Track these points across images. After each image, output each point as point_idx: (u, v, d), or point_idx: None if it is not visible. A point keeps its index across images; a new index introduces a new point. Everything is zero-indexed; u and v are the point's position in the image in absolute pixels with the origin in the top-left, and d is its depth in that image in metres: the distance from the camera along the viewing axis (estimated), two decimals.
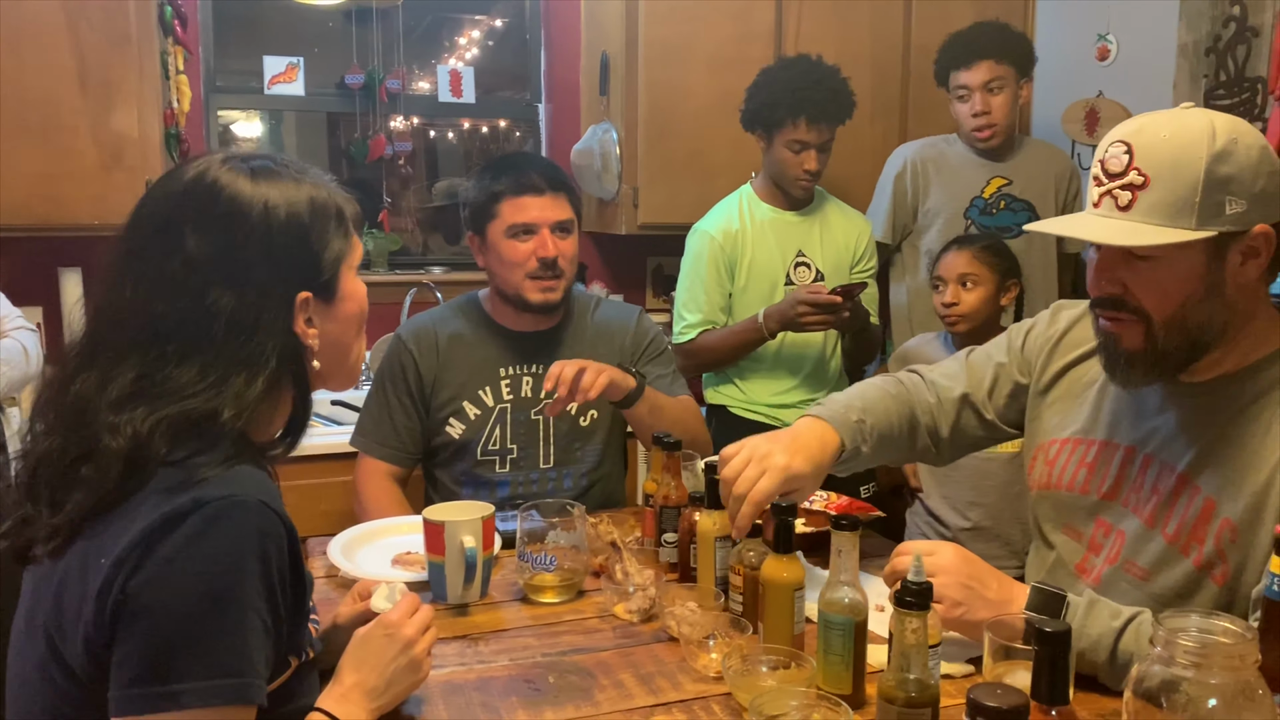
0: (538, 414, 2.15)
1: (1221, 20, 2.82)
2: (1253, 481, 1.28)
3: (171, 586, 0.96)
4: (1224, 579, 1.30)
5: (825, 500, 1.94)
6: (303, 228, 1.11)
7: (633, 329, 2.26)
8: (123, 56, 2.72)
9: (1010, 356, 1.64)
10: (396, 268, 3.50)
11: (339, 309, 1.16)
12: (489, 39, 3.74)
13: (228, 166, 1.10)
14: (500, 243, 2.09)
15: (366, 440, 2.15)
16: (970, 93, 2.82)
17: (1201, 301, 1.28)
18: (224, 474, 1.01)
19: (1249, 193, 1.24)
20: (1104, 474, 1.45)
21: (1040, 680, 0.93)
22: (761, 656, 1.29)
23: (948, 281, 2.46)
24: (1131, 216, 1.26)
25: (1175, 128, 1.27)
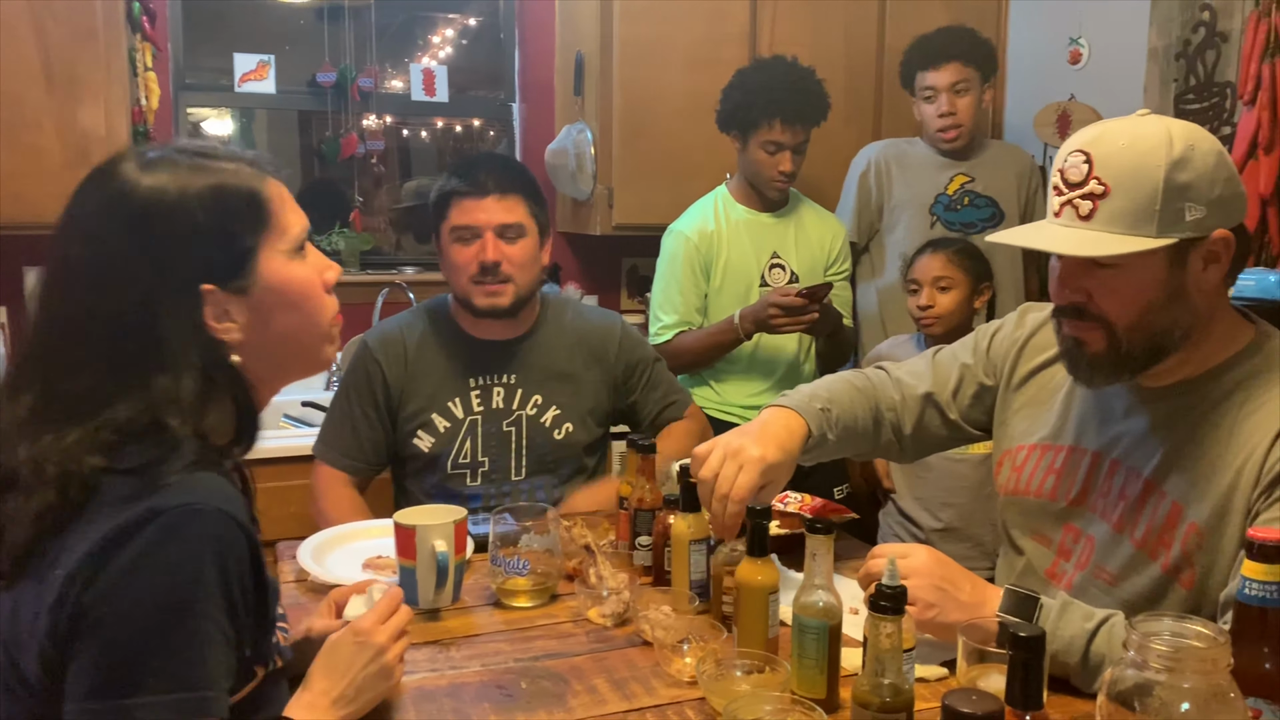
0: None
1: (1191, 25, 2.85)
2: (1218, 485, 1.29)
3: (127, 598, 0.93)
4: (1191, 583, 1.31)
5: (799, 502, 1.94)
6: (193, 217, 1.04)
7: (616, 344, 2.19)
8: (89, 52, 2.68)
9: (976, 358, 1.65)
10: (368, 267, 3.47)
11: (262, 299, 1.08)
12: (463, 37, 3.71)
13: (127, 159, 1.06)
14: (448, 245, 2.04)
15: (328, 450, 2.09)
16: (937, 93, 2.87)
17: (1164, 307, 1.29)
18: (183, 480, 0.98)
19: (1207, 198, 1.26)
20: (1071, 480, 1.46)
21: (1014, 684, 0.93)
22: (735, 661, 1.29)
23: (923, 285, 2.47)
24: (1093, 226, 1.28)
25: (1133, 136, 1.28)
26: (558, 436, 2.11)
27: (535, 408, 2.10)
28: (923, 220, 2.95)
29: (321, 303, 1.16)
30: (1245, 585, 0.98)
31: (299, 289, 1.12)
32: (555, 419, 2.10)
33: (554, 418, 2.10)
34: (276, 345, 1.11)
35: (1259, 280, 2.23)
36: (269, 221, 1.10)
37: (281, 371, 1.15)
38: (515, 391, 2.10)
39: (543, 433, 2.10)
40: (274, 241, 1.10)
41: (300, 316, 1.13)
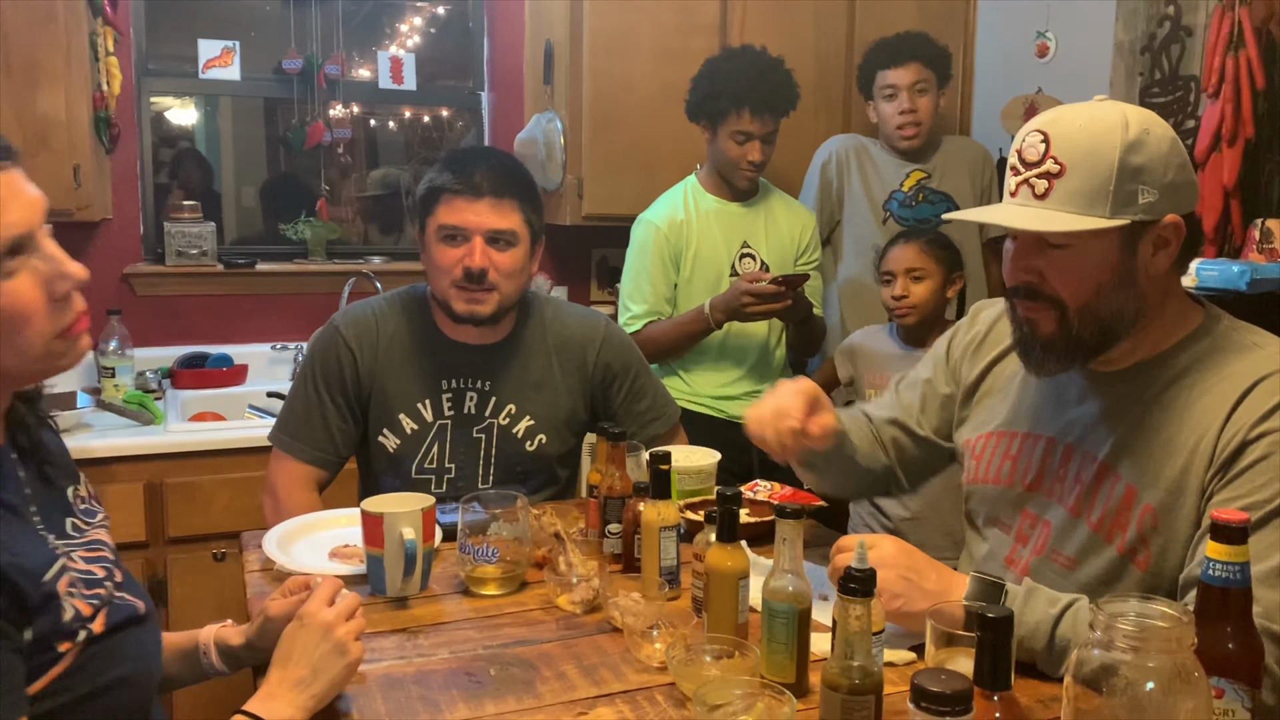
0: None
1: (1157, 20, 2.87)
2: (1171, 466, 1.31)
3: None
4: (1146, 564, 1.33)
5: (769, 491, 1.94)
6: None
7: (596, 349, 2.06)
8: (48, 36, 2.63)
9: (936, 370, 1.68)
10: (335, 257, 3.44)
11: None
12: (430, 26, 3.68)
13: None
14: (432, 243, 1.91)
15: (291, 440, 1.95)
16: (898, 91, 2.92)
17: (1114, 290, 1.31)
18: None
19: (1160, 182, 1.28)
20: (1027, 465, 1.48)
21: (983, 665, 0.94)
22: (705, 646, 1.29)
23: (896, 275, 2.49)
24: (1048, 205, 1.29)
25: (1090, 118, 1.30)
26: (529, 448, 2.01)
27: (508, 417, 2.00)
28: (876, 216, 2.99)
29: (28, 324, 1.01)
30: (1209, 566, 0.99)
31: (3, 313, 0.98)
32: (528, 430, 2.00)
33: (527, 428, 2.00)
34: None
35: (1221, 271, 2.26)
36: None
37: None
38: (489, 399, 1.99)
39: (514, 443, 2.00)
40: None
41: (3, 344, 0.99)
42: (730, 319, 2.57)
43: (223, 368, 3.06)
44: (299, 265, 3.34)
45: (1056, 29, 3.28)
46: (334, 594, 1.26)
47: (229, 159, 3.53)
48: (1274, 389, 1.27)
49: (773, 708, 1.12)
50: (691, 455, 1.98)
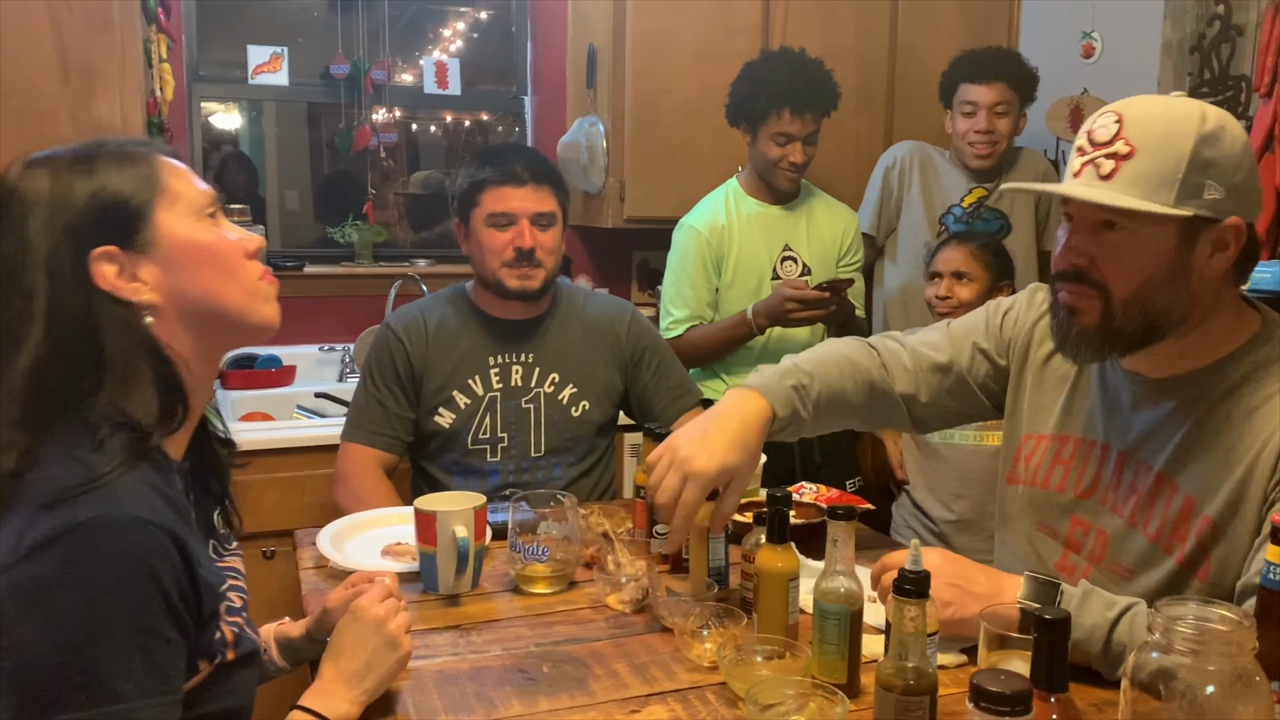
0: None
1: (1206, 19, 2.84)
2: (1231, 477, 1.29)
3: (47, 618, 0.91)
4: (1206, 575, 1.31)
5: (814, 493, 1.95)
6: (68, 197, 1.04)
7: (626, 326, 2.25)
8: (105, 44, 2.68)
9: (989, 337, 1.62)
10: (381, 259, 3.48)
11: (168, 256, 1.08)
12: (474, 31, 3.72)
13: (16, 163, 1.08)
14: (480, 230, 2.10)
15: (355, 430, 2.12)
16: (977, 109, 2.82)
17: (1164, 284, 1.28)
18: (102, 488, 0.95)
19: (1229, 181, 1.25)
20: (1081, 472, 1.46)
21: (1040, 666, 0.94)
22: (756, 646, 1.29)
23: (943, 275, 2.49)
24: (1112, 186, 1.26)
25: (1167, 105, 1.29)
26: (575, 414, 2.16)
27: (553, 385, 2.15)
28: (931, 228, 2.94)
29: (239, 262, 1.14)
30: (1269, 570, 0.98)
31: (208, 246, 1.11)
32: (572, 396, 2.15)
33: (570, 395, 2.15)
34: (195, 306, 1.10)
35: (1275, 273, 2.23)
36: (159, 186, 1.09)
37: (209, 338, 1.13)
38: (533, 370, 2.15)
39: (560, 410, 2.15)
40: (170, 204, 1.09)
41: (215, 273, 1.11)
42: (773, 324, 2.57)
43: (272, 368, 3.11)
44: (346, 268, 3.38)
45: (1102, 29, 3.25)
46: (387, 593, 1.28)
47: (273, 163, 3.59)
48: None
49: (825, 708, 1.12)
50: None
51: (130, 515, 0.95)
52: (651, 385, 2.26)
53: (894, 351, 1.65)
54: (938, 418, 1.67)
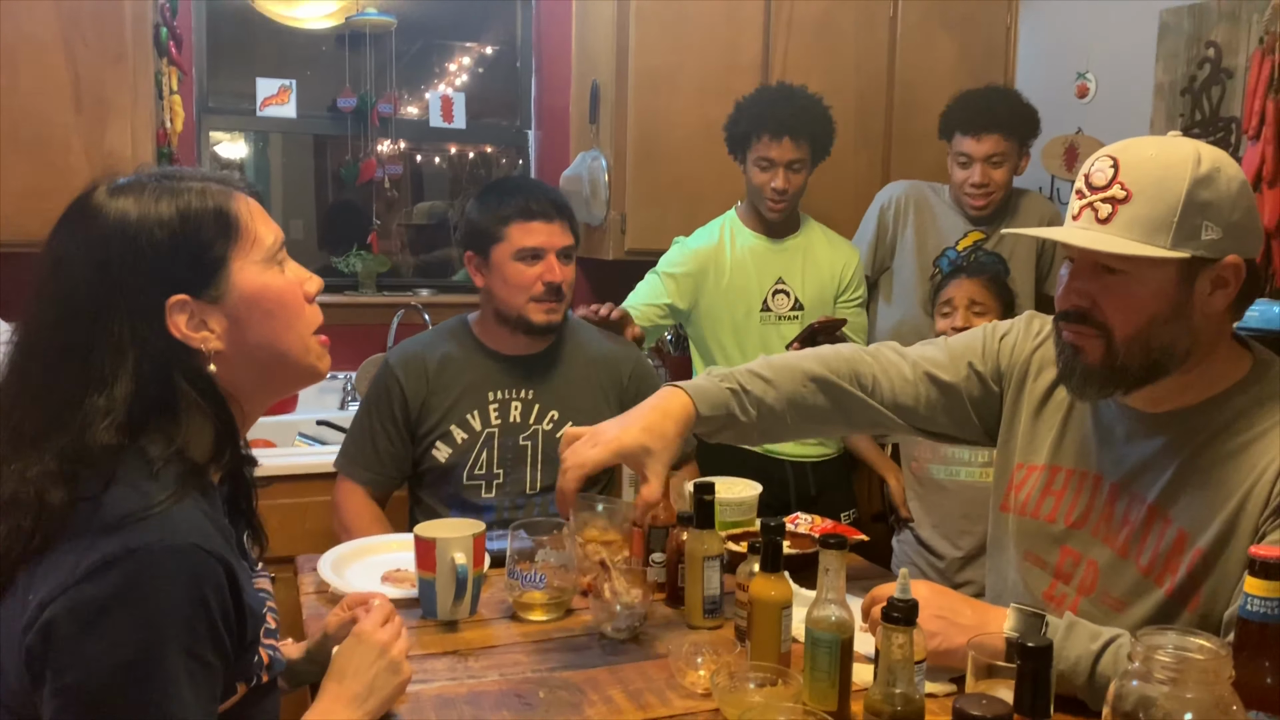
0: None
1: (1197, 62, 2.90)
2: (1222, 512, 1.31)
3: (104, 638, 0.94)
4: (1196, 607, 1.33)
5: (809, 524, 1.98)
6: (152, 235, 1.06)
7: (629, 374, 2.23)
8: (117, 75, 2.74)
9: (985, 360, 1.61)
10: (384, 289, 3.52)
11: (238, 306, 1.10)
12: (479, 66, 3.78)
13: (99, 185, 1.10)
14: (506, 265, 2.08)
15: (349, 464, 2.14)
16: (971, 161, 2.78)
17: (1166, 323, 1.30)
18: (159, 515, 0.98)
19: (1226, 221, 1.27)
20: (1072, 503, 1.48)
21: (1023, 694, 0.96)
22: (749, 673, 1.32)
23: (957, 307, 2.48)
24: (1110, 230, 1.29)
25: (1163, 147, 1.31)
26: None
27: (552, 423, 2.15)
28: (924, 271, 2.93)
29: (301, 310, 1.17)
30: (1247, 601, 1.01)
31: (275, 296, 1.13)
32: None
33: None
34: (257, 353, 1.12)
35: (1263, 311, 2.27)
36: (238, 233, 1.11)
37: (266, 383, 1.16)
38: (533, 406, 2.15)
39: (556, 449, 2.11)
40: (245, 252, 1.11)
41: (278, 323, 1.14)
42: None
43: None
44: (349, 297, 3.42)
45: (1096, 70, 3.31)
46: (388, 616, 1.31)
47: (278, 192, 3.64)
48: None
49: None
50: (733, 487, 2.02)
51: (188, 542, 0.98)
52: None
53: (895, 363, 1.63)
54: (931, 433, 1.66)
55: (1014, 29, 3.63)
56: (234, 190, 1.14)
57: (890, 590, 1.27)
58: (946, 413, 1.62)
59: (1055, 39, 3.49)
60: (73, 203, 1.10)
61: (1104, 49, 3.29)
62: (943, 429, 1.64)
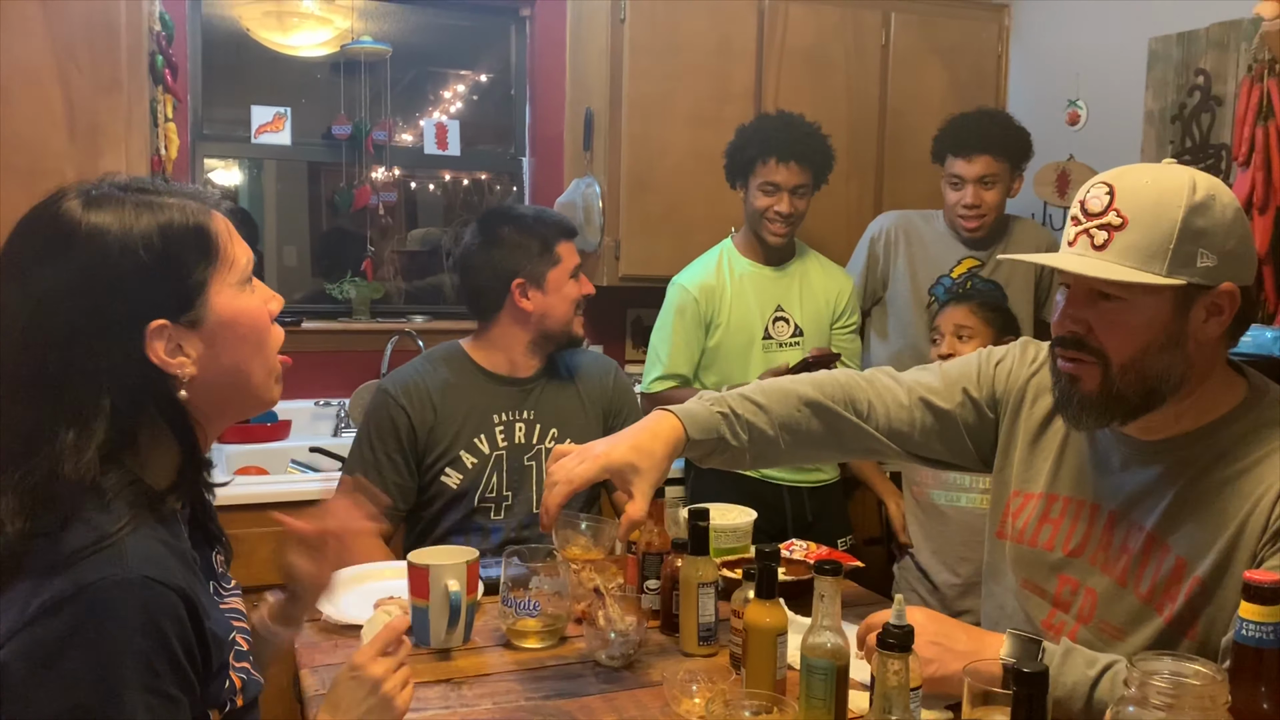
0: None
1: (1187, 89, 2.92)
2: (1220, 539, 1.31)
3: (58, 681, 0.91)
4: (1195, 635, 1.33)
5: (805, 550, 1.97)
6: (135, 256, 1.01)
7: (611, 385, 2.34)
8: (111, 103, 2.74)
9: (980, 387, 1.61)
10: (378, 316, 3.52)
11: (214, 332, 1.07)
12: (473, 93, 3.80)
13: (70, 196, 1.03)
14: (565, 283, 2.21)
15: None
16: (964, 183, 2.79)
17: (1161, 350, 1.31)
18: (110, 549, 0.95)
19: (1221, 249, 1.28)
20: (1070, 531, 1.47)
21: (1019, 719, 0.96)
22: (744, 701, 1.30)
23: (944, 334, 2.49)
24: (1105, 256, 1.29)
25: (1158, 175, 1.31)
26: None
27: (553, 440, 2.19)
28: (919, 300, 2.93)
29: (268, 331, 1.15)
30: (1242, 626, 1.01)
31: (249, 320, 1.11)
32: None
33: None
34: (226, 378, 1.10)
35: (1255, 337, 2.28)
36: (218, 255, 1.08)
37: (227, 407, 1.13)
38: (535, 426, 2.20)
39: None
40: (223, 274, 1.09)
41: (249, 347, 1.12)
42: None
43: (267, 423, 3.13)
44: (343, 324, 3.42)
45: (1087, 97, 3.34)
46: (390, 641, 1.27)
47: (272, 218, 3.64)
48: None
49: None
50: (728, 513, 2.01)
51: (140, 575, 0.95)
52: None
53: (890, 389, 1.62)
54: (926, 459, 1.65)
55: (1005, 57, 3.66)
56: (210, 208, 1.10)
57: (885, 617, 1.26)
58: (942, 439, 1.61)
59: (1046, 67, 3.52)
60: (39, 212, 1.04)
61: (1094, 76, 3.32)
62: (938, 455, 1.64)
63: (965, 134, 2.80)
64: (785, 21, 3.35)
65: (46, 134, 2.69)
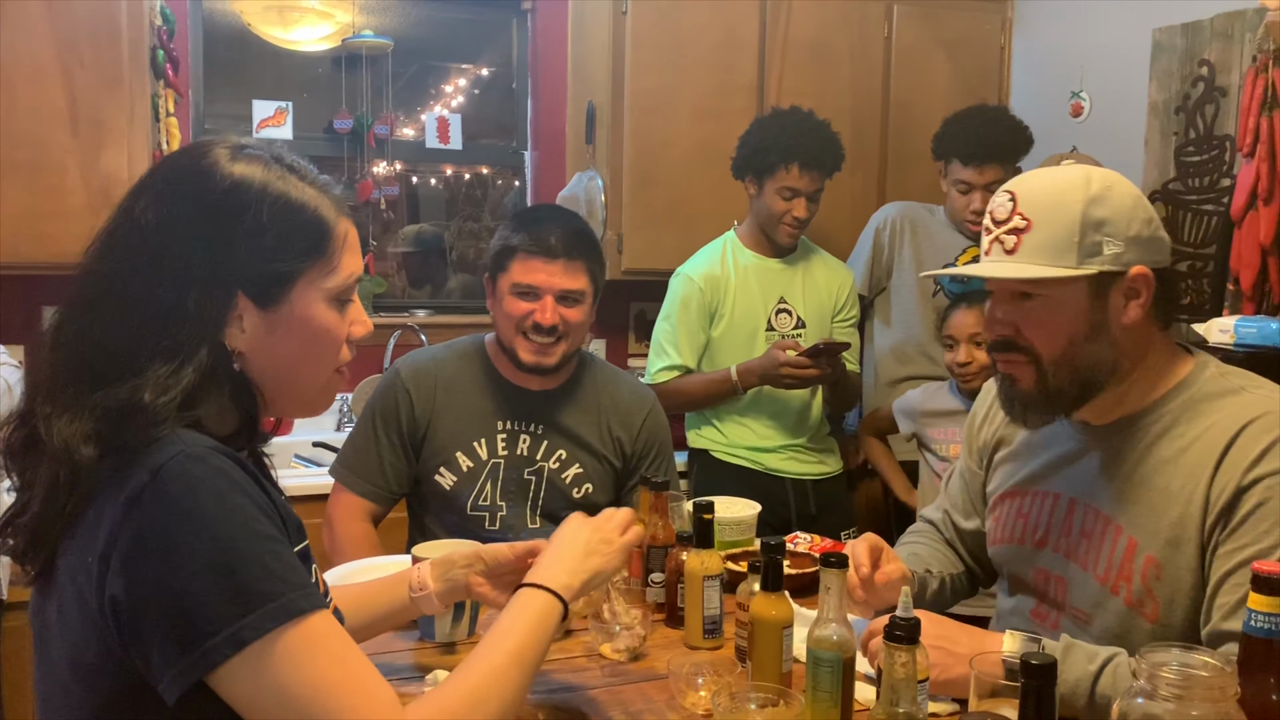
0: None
1: (1191, 80, 2.91)
2: (1168, 516, 1.34)
3: (171, 557, 0.93)
4: (1155, 616, 1.35)
5: (809, 542, 1.97)
6: (259, 219, 1.03)
7: (641, 424, 2.15)
8: (114, 98, 2.75)
9: (970, 453, 1.71)
10: (380, 310, 3.52)
11: (281, 325, 1.07)
12: (475, 87, 3.79)
13: (221, 145, 1.07)
14: (505, 296, 2.02)
15: (348, 474, 2.06)
16: (972, 189, 2.79)
17: (1087, 340, 1.36)
18: (167, 435, 0.97)
19: (1124, 235, 1.34)
20: (1036, 522, 1.51)
21: (1028, 712, 0.95)
22: (750, 694, 1.30)
23: (959, 341, 2.50)
24: (1018, 259, 1.36)
25: (1054, 176, 1.39)
26: (576, 495, 2.07)
27: (558, 462, 2.08)
28: (924, 289, 2.95)
29: (334, 351, 1.13)
30: (1251, 617, 1.01)
31: (318, 329, 1.09)
32: (576, 477, 2.08)
33: (575, 475, 2.08)
34: (270, 371, 1.08)
35: (1260, 328, 2.27)
36: (324, 254, 1.08)
37: (272, 398, 1.12)
38: (541, 442, 2.07)
39: (561, 488, 2.07)
40: (318, 276, 1.08)
41: (306, 352, 1.10)
42: (764, 384, 2.60)
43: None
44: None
45: (1091, 89, 3.33)
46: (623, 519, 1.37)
47: None
48: (1261, 433, 1.29)
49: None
50: (733, 506, 2.01)
51: (203, 447, 0.97)
52: (641, 473, 2.14)
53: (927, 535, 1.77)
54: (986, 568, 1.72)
55: (1008, 49, 3.65)
56: (342, 212, 1.11)
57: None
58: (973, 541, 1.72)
59: (1049, 58, 3.51)
60: (189, 149, 1.08)
61: (1098, 68, 3.31)
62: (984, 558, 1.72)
63: (975, 143, 2.77)
64: (788, 14, 3.34)
65: (49, 129, 2.69)
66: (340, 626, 1.02)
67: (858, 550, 1.50)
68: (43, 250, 2.67)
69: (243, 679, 0.94)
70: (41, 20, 2.66)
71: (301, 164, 1.11)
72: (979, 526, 1.68)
